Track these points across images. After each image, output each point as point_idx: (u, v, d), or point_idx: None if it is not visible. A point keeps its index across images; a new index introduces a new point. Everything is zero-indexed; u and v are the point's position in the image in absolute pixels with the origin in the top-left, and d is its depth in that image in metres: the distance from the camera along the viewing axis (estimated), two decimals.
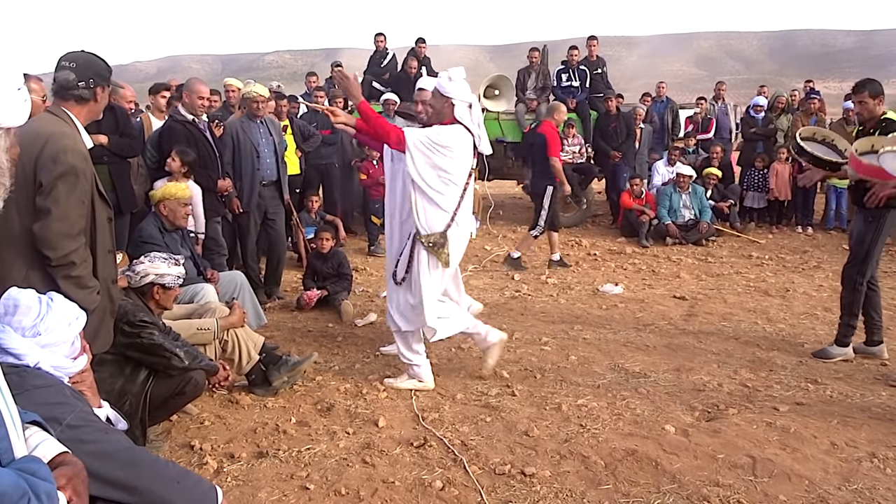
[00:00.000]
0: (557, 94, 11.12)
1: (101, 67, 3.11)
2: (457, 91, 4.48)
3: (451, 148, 4.42)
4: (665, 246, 9.68)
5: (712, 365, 5.17)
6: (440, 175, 4.43)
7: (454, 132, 4.45)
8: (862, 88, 5.15)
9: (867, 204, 4.89)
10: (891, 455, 3.74)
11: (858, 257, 5.24)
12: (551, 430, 4.05)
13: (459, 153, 4.46)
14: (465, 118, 4.51)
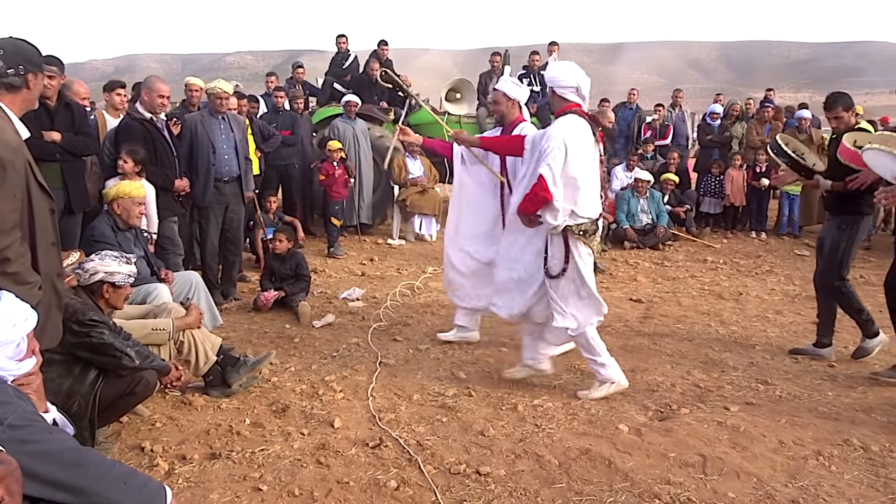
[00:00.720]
0: None
1: (30, 53, 2.96)
2: (559, 79, 4.45)
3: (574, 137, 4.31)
4: (623, 250, 9.80)
5: (666, 366, 5.24)
6: (582, 164, 4.32)
7: (569, 122, 4.34)
8: (835, 104, 5.28)
9: (849, 186, 4.98)
10: (836, 453, 3.84)
11: (833, 264, 5.34)
12: (507, 430, 4.07)
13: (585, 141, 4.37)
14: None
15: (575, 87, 4.38)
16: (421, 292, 7.46)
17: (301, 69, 11.67)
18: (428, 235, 10.18)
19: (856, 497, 3.40)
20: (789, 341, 5.86)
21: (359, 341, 5.73)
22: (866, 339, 5.42)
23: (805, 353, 5.53)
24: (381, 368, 5.09)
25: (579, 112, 4.39)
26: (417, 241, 10.12)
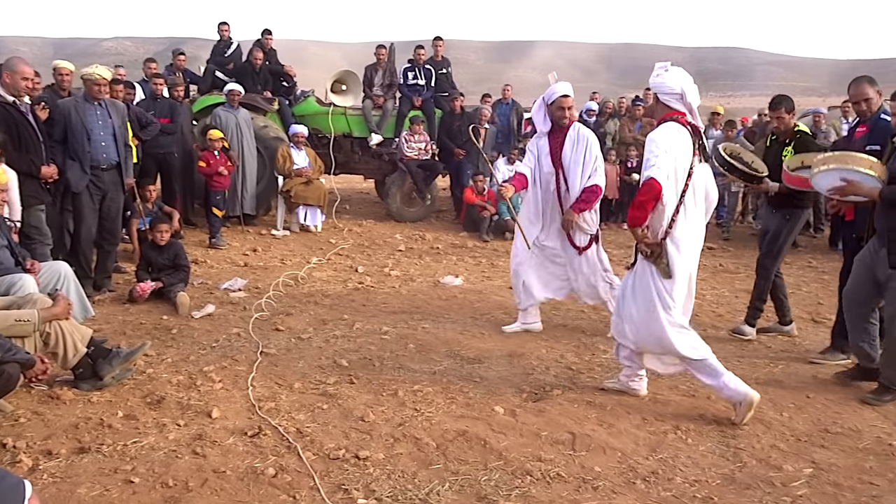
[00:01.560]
0: (404, 91, 11.27)
1: None
2: (664, 86, 4.21)
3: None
4: (505, 240, 10.05)
5: (541, 350, 5.45)
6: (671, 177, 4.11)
7: (668, 130, 4.14)
8: (779, 105, 5.73)
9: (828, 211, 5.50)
10: (692, 427, 4.12)
11: (773, 250, 5.85)
12: (387, 415, 4.14)
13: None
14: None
15: (679, 94, 4.14)
16: (305, 282, 7.43)
17: (182, 56, 11.32)
18: (313, 226, 10.11)
19: (708, 466, 3.68)
20: None
21: (240, 331, 5.66)
22: (745, 325, 6.02)
23: (771, 330, 6.09)
24: (262, 358, 5.05)
25: (681, 120, 4.15)
26: (302, 231, 10.04)
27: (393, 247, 9.49)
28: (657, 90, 4.25)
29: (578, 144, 5.59)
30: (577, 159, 5.60)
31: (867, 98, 5.23)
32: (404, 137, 10.84)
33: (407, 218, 11.11)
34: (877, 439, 4.07)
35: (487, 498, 3.28)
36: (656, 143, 4.05)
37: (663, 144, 4.03)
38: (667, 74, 4.19)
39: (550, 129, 5.68)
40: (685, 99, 4.15)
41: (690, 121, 4.16)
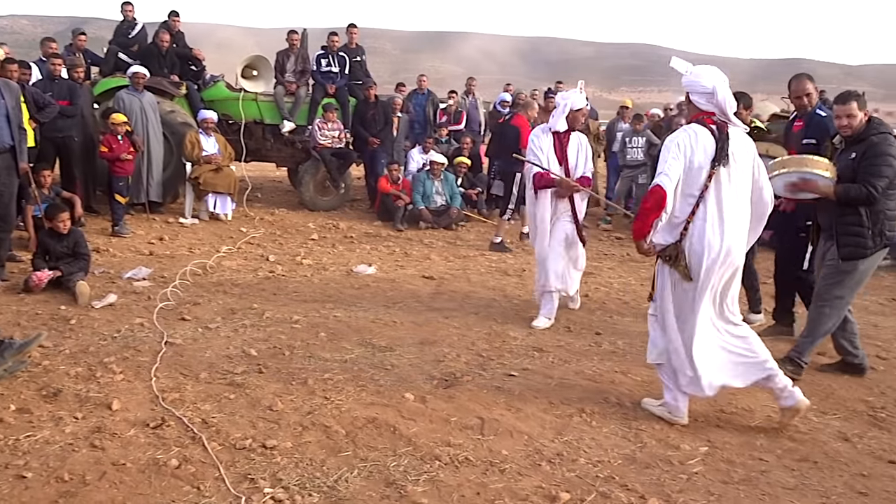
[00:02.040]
0: (317, 78, 11.12)
1: None
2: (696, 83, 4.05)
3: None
4: (418, 230, 10.08)
5: (453, 338, 5.50)
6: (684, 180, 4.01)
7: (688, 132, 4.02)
8: (738, 101, 5.75)
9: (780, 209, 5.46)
10: (596, 410, 4.25)
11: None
12: (296, 404, 4.10)
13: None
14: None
15: (711, 92, 3.97)
16: (214, 271, 7.26)
17: (83, 37, 10.85)
18: (223, 214, 9.87)
19: (611, 447, 3.80)
20: (563, 312, 6.35)
21: (143, 321, 5.49)
22: (752, 313, 6.33)
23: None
24: (167, 348, 4.92)
25: (706, 121, 3.99)
26: (212, 220, 9.79)
27: (306, 235, 9.38)
28: (689, 88, 4.05)
29: (580, 146, 6.28)
30: (581, 158, 6.25)
31: (808, 93, 5.52)
32: (317, 125, 10.70)
33: (320, 207, 10.99)
34: (767, 418, 4.28)
35: (396, 483, 3.29)
36: (668, 149, 3.98)
37: (674, 150, 3.94)
38: (699, 71, 4.06)
39: (558, 129, 6.17)
40: (716, 97, 3.96)
41: (718, 120, 3.98)
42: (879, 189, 4.64)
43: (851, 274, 4.82)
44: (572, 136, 6.25)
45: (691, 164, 3.93)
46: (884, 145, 4.67)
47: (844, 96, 4.84)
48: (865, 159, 4.69)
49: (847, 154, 4.83)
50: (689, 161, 3.93)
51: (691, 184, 3.96)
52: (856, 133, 4.77)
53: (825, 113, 5.48)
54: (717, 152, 3.92)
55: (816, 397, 4.66)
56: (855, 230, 4.76)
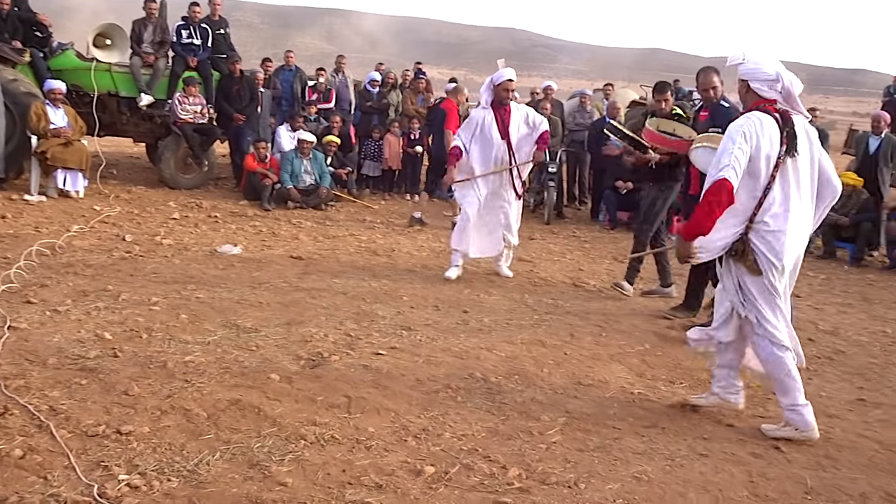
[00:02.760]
0: (177, 50, 10.63)
1: None
2: (758, 71, 3.89)
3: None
4: (286, 209, 9.89)
5: (321, 318, 5.45)
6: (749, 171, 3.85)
7: (750, 120, 3.84)
8: (666, 89, 6.55)
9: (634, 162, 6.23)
10: (462, 385, 4.34)
11: (650, 218, 6.58)
12: (154, 388, 3.95)
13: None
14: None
15: (774, 78, 3.82)
16: (64, 252, 6.83)
17: None
18: (74, 192, 9.28)
19: (475, 420, 3.90)
20: (432, 291, 6.44)
21: None
22: (662, 287, 6.88)
23: (654, 292, 6.85)
24: (10, 333, 4.59)
25: (768, 108, 3.84)
26: (61, 197, 9.19)
27: (166, 215, 8.98)
28: (749, 76, 3.89)
29: (521, 119, 6.92)
30: (522, 130, 6.93)
31: (714, 87, 5.88)
32: (178, 99, 10.25)
33: (182, 185, 10.55)
34: (621, 388, 4.53)
35: (260, 464, 3.24)
36: (733, 139, 3.76)
37: (739, 139, 3.73)
38: (759, 58, 3.90)
39: (493, 105, 6.82)
40: (782, 83, 3.82)
41: (781, 108, 3.85)
42: None
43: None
44: (513, 110, 6.89)
45: (757, 153, 3.74)
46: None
47: (708, 69, 5.56)
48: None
49: None
50: (755, 150, 3.73)
51: (757, 174, 3.78)
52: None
53: (728, 104, 5.92)
54: (784, 142, 3.76)
55: (665, 368, 4.97)
56: None
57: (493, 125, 6.82)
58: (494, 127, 6.83)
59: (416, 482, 3.22)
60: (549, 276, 7.50)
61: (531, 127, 6.97)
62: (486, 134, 6.83)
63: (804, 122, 3.91)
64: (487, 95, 6.86)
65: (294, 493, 3.06)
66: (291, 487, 3.09)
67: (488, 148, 6.88)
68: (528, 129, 6.96)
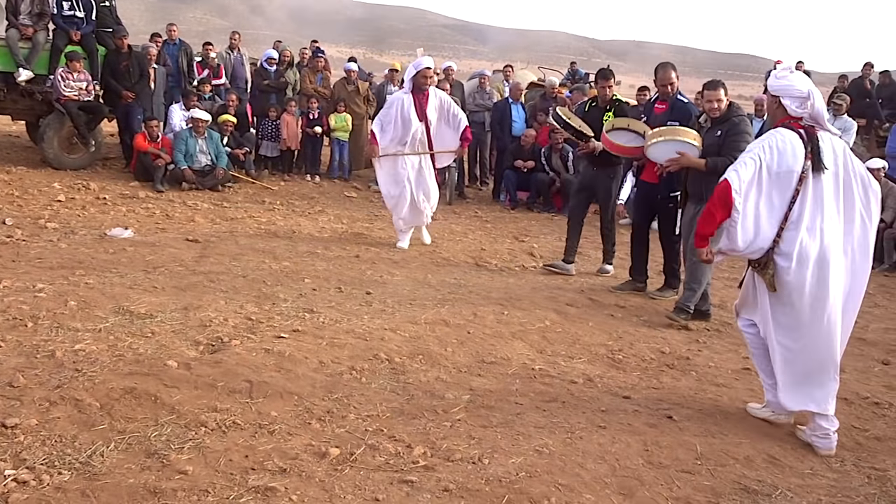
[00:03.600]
0: (59, 23, 10.02)
1: None
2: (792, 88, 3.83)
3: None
4: (181, 191, 9.55)
5: (220, 302, 5.31)
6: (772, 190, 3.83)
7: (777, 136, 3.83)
8: (609, 76, 6.91)
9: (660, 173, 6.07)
10: (366, 367, 4.33)
11: (609, 205, 7.03)
12: (41, 378, 3.75)
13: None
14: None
15: (805, 97, 3.80)
16: None
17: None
18: None
19: (380, 401, 3.90)
20: (335, 273, 6.39)
21: None
22: (606, 264, 7.26)
23: (556, 267, 7.15)
24: None
25: (793, 125, 3.83)
26: None
27: (51, 197, 8.51)
28: (781, 92, 3.87)
29: (440, 105, 7.57)
30: (441, 115, 7.58)
31: (672, 82, 6.26)
32: (60, 75, 9.69)
33: (67, 165, 10.01)
34: (523, 365, 4.63)
35: (158, 453, 3.15)
36: (751, 149, 3.86)
37: (758, 150, 3.79)
38: (793, 76, 3.87)
39: (414, 90, 7.39)
40: (812, 102, 3.81)
41: (806, 125, 3.82)
42: None
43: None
44: (431, 95, 7.48)
45: (779, 168, 3.74)
46: (743, 125, 5.51)
47: (714, 84, 5.62)
48: (729, 136, 5.48)
49: (713, 132, 5.61)
50: (776, 164, 3.74)
51: (782, 190, 3.78)
52: (722, 114, 5.56)
53: (686, 99, 6.40)
54: (809, 158, 3.75)
55: (565, 344, 5.12)
56: None
57: (411, 108, 7.42)
58: (413, 110, 7.42)
59: (321, 465, 3.20)
60: (452, 255, 7.57)
61: (447, 114, 7.59)
62: (405, 115, 7.41)
63: (832, 138, 3.88)
64: (409, 82, 7.47)
65: (195, 480, 2.98)
66: (192, 475, 3.02)
67: (408, 128, 7.44)
68: (445, 115, 7.58)
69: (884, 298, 7.41)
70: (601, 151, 6.59)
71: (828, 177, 3.79)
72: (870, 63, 12.97)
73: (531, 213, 10.64)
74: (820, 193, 3.79)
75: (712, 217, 3.82)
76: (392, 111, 7.49)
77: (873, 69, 12.89)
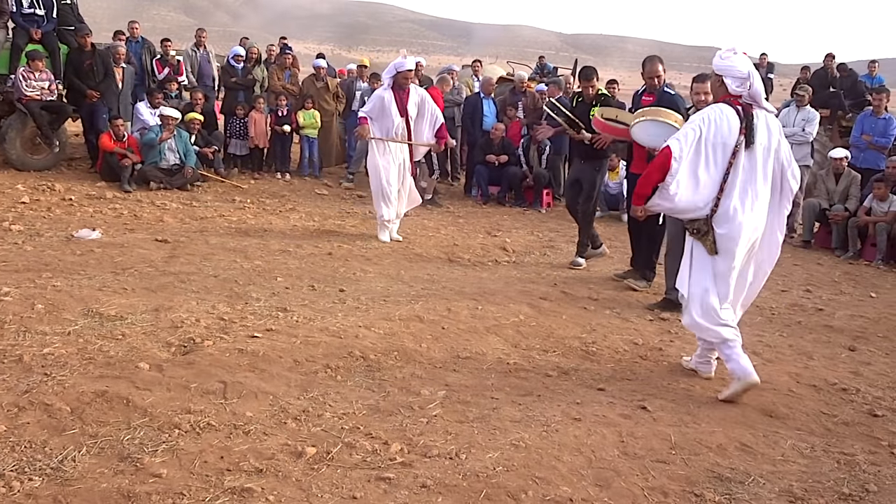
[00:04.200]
0: (18, 21, 9.83)
1: None
2: (734, 69, 4.17)
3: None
4: (149, 191, 9.43)
5: (192, 302, 5.25)
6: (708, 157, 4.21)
7: (714, 110, 4.23)
8: (593, 74, 7.05)
9: (596, 146, 6.83)
10: (341, 365, 4.32)
11: (592, 196, 7.20)
12: (9, 384, 3.69)
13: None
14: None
15: (745, 77, 4.12)
16: None
17: None
18: None
19: (356, 399, 3.89)
20: (307, 271, 6.35)
21: None
22: (579, 257, 7.41)
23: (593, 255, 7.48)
24: None
25: (733, 103, 4.17)
26: None
27: (14, 199, 8.34)
28: (724, 72, 4.19)
29: (420, 102, 7.86)
30: (421, 112, 7.88)
31: (658, 75, 6.43)
32: (22, 74, 9.51)
33: (31, 166, 9.82)
34: (498, 360, 4.64)
35: (131, 457, 3.11)
36: (692, 120, 4.24)
37: (697, 121, 4.17)
38: (736, 58, 4.18)
39: (394, 87, 7.69)
40: (750, 82, 4.14)
41: (744, 103, 4.17)
42: None
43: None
44: (412, 93, 7.79)
45: (716, 139, 4.11)
46: None
47: (702, 77, 5.72)
48: None
49: None
50: (713, 135, 4.11)
51: (718, 161, 4.14)
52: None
53: (673, 92, 6.56)
54: (743, 132, 4.11)
55: (539, 338, 5.14)
56: None
57: (392, 103, 7.70)
58: (394, 105, 7.71)
59: (297, 464, 3.18)
60: (425, 251, 7.56)
61: (427, 112, 7.92)
62: (386, 110, 7.73)
63: (767, 116, 4.24)
64: (389, 79, 7.73)
65: (169, 483, 2.95)
66: (166, 478, 2.98)
67: (388, 122, 7.75)
68: (425, 112, 7.90)
69: (849, 286, 7.55)
70: (587, 145, 6.91)
71: (760, 151, 4.18)
72: (831, 54, 13.16)
73: (503, 207, 10.66)
74: (752, 166, 4.18)
75: (650, 179, 4.22)
76: (375, 104, 7.80)
77: (834, 60, 13.08)
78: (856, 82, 12.92)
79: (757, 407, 4.18)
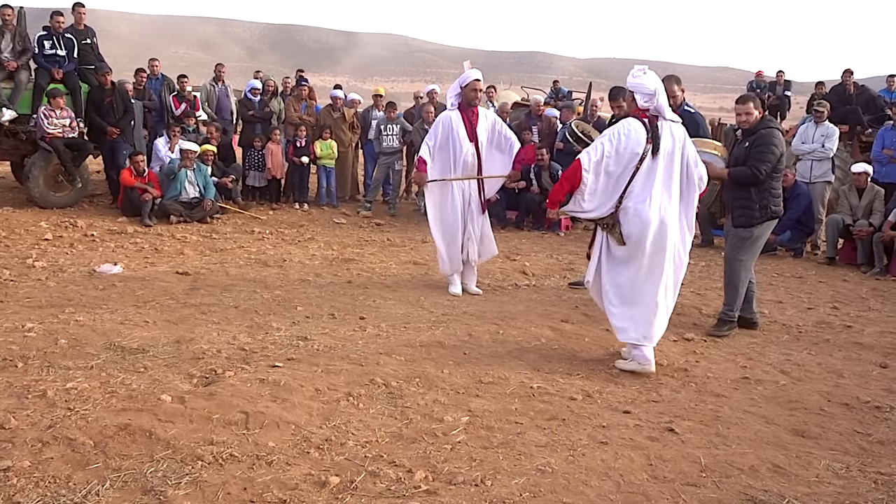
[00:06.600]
0: (40, 62, 10.02)
1: None
2: (643, 86, 4.76)
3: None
4: (170, 224, 9.51)
5: (213, 334, 5.26)
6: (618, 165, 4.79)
7: (624, 125, 4.82)
8: (618, 96, 6.73)
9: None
10: (363, 392, 4.28)
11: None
12: (33, 419, 3.68)
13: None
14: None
15: (652, 93, 4.73)
16: None
17: None
18: None
19: (378, 427, 3.85)
20: (327, 300, 6.34)
21: None
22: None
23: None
24: None
25: (641, 116, 4.77)
26: None
27: (38, 236, 8.45)
28: (635, 89, 4.77)
29: (490, 126, 6.80)
30: (490, 137, 6.81)
31: (675, 95, 6.31)
32: (43, 113, 9.67)
33: (54, 203, 9.96)
34: (521, 384, 4.58)
35: (154, 490, 3.08)
36: (604, 134, 4.88)
37: (609, 135, 4.79)
38: (645, 76, 4.76)
39: (461, 107, 6.67)
40: (655, 97, 4.72)
41: (650, 116, 4.74)
42: (763, 171, 5.66)
43: (747, 239, 5.82)
44: (481, 114, 6.77)
45: (625, 150, 4.70)
46: (769, 137, 5.71)
47: (744, 98, 5.92)
48: (754, 147, 5.72)
49: (743, 143, 5.86)
50: (623, 147, 4.70)
51: (625, 166, 4.73)
52: (751, 127, 5.81)
53: (693, 109, 6.53)
54: (650, 141, 4.69)
55: (562, 361, 5.08)
56: (744, 203, 5.78)
57: (461, 126, 6.65)
58: (462, 128, 6.66)
59: (321, 494, 3.14)
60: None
61: (500, 136, 6.84)
62: (454, 135, 6.66)
63: (672, 126, 4.83)
64: (455, 98, 6.73)
65: None
66: None
67: (457, 151, 6.68)
68: (497, 137, 6.83)
69: (877, 302, 7.43)
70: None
71: (663, 157, 4.75)
72: (849, 70, 13.10)
73: (521, 231, 10.64)
74: (656, 170, 4.73)
75: (562, 187, 4.83)
76: (439, 131, 6.71)
77: (853, 76, 13.01)
78: (872, 98, 12.83)
79: (788, 427, 4.10)
